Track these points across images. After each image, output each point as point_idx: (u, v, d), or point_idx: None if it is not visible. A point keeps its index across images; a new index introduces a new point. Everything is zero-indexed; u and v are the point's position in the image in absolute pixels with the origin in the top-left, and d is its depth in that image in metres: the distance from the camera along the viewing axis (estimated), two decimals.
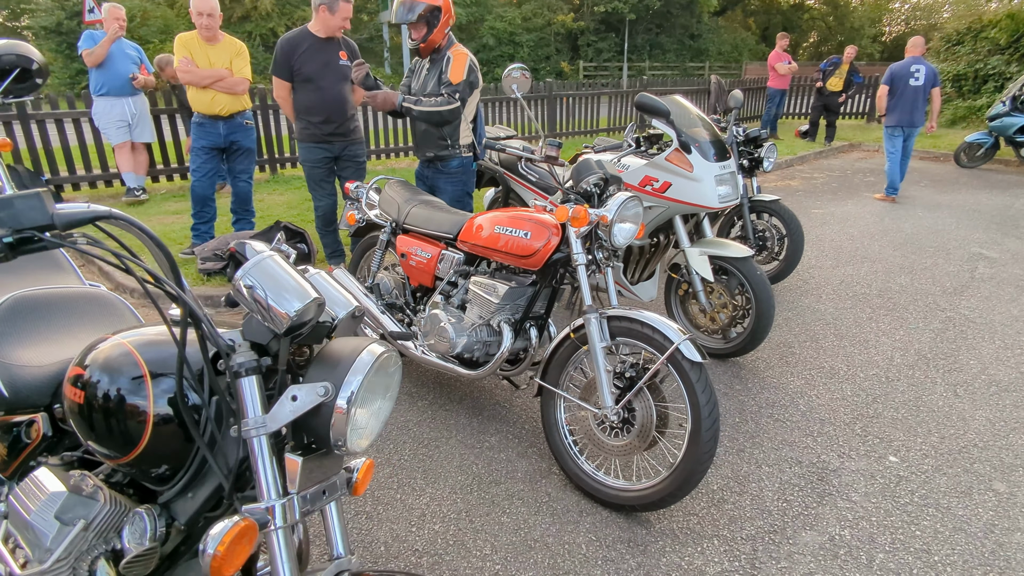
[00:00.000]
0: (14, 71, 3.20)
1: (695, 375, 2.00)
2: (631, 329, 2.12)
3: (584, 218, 2.14)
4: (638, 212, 2.24)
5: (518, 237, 2.34)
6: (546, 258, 2.29)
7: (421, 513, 2.19)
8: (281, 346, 1.06)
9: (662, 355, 2.02)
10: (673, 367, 2.03)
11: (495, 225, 2.42)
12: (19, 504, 1.17)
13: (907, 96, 6.71)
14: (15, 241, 0.78)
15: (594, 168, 2.27)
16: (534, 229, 2.31)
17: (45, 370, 1.40)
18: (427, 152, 3.46)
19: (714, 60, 27.98)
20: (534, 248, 2.29)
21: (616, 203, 2.17)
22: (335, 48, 3.75)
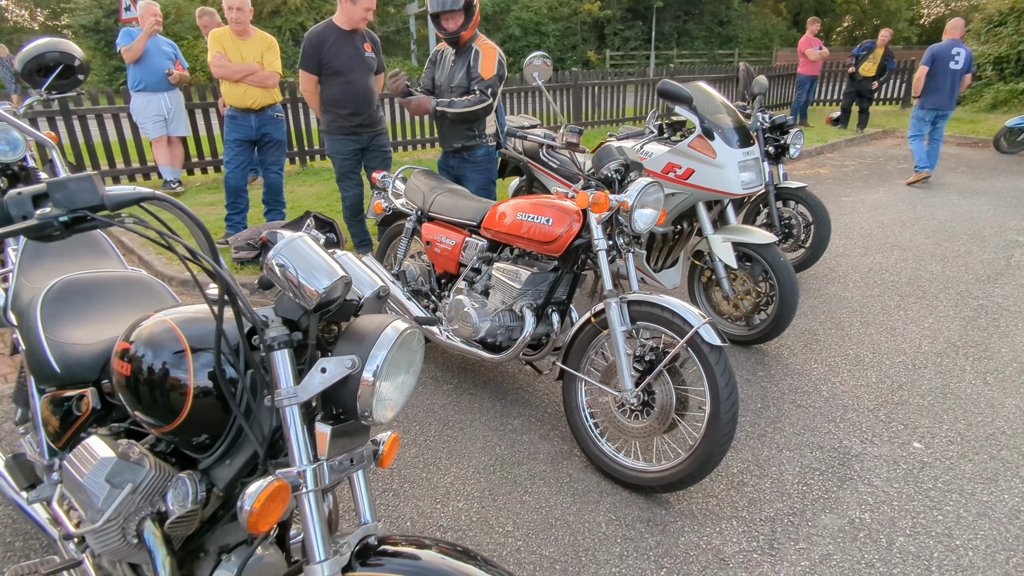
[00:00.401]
0: (58, 68, 3.33)
1: (714, 358, 2.02)
2: (651, 313, 2.15)
3: (604, 204, 2.17)
4: (659, 198, 2.26)
5: (540, 223, 2.38)
6: (567, 244, 2.33)
7: (446, 491, 2.26)
8: (311, 321, 1.12)
9: (682, 339, 2.05)
10: (693, 350, 2.06)
11: (517, 212, 2.47)
12: (73, 469, 1.26)
13: (945, 79, 6.61)
14: (70, 220, 0.85)
15: (615, 154, 2.30)
16: (556, 215, 2.35)
17: (93, 348, 1.50)
18: (454, 143, 3.51)
19: (744, 47, 27.45)
20: (556, 234, 2.33)
21: (636, 188, 2.20)
22: (360, 40, 3.82)
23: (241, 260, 4.06)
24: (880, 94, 12.83)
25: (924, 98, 6.79)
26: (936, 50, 6.67)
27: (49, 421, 1.55)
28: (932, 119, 6.84)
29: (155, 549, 1.21)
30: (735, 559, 1.96)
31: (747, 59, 26.15)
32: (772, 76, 12.85)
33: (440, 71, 3.46)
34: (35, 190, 0.85)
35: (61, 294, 1.64)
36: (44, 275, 1.76)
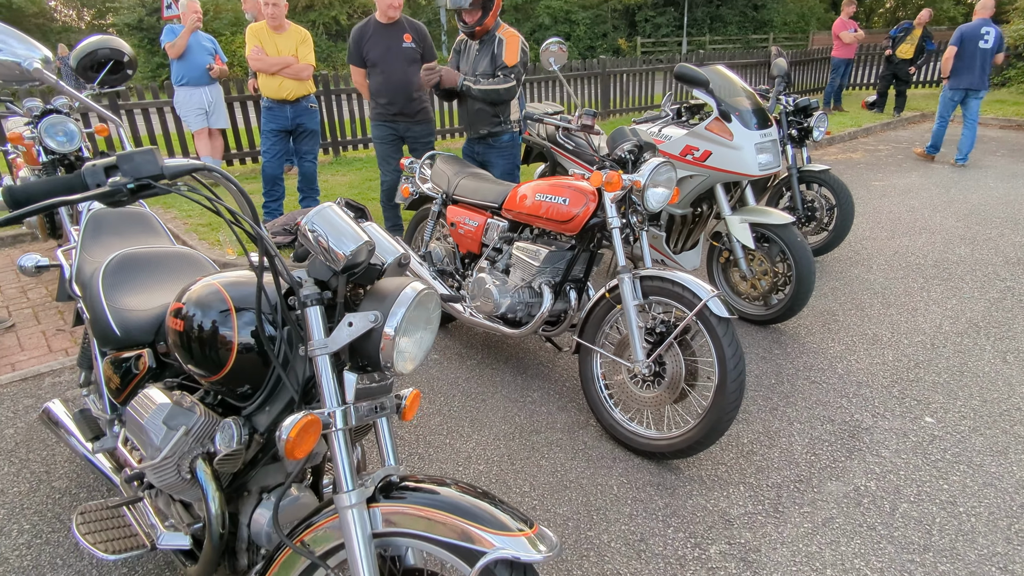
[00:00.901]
0: (109, 64, 3.56)
1: (722, 330, 2.11)
2: (663, 288, 2.25)
3: (617, 183, 2.28)
4: (671, 177, 2.35)
5: (557, 204, 2.49)
6: (584, 223, 2.44)
7: (467, 456, 2.41)
8: (339, 282, 1.27)
9: (691, 311, 2.15)
10: (701, 323, 2.16)
11: (536, 193, 2.58)
12: (136, 414, 1.44)
13: (975, 59, 6.58)
14: (135, 187, 1.00)
15: (628, 136, 2.39)
16: (572, 196, 2.46)
17: (148, 313, 1.67)
18: (480, 129, 3.64)
19: (779, 31, 26.81)
20: (572, 214, 2.44)
21: (649, 168, 2.29)
22: (399, 32, 3.98)
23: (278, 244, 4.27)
24: (919, 76, 12.49)
25: (954, 78, 6.78)
26: (965, 30, 6.63)
27: (111, 379, 1.74)
28: (961, 99, 6.83)
29: (206, 484, 1.38)
30: (740, 520, 2.06)
31: (782, 43, 25.57)
32: (806, 60, 12.60)
33: (465, 60, 3.58)
34: (107, 162, 1.01)
35: (119, 267, 1.83)
36: (104, 251, 1.95)
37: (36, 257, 2.17)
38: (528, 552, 1.12)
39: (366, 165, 7.53)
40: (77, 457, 2.38)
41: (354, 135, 8.18)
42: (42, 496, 2.19)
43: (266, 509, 1.47)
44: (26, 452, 2.43)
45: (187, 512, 1.61)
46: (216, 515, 1.37)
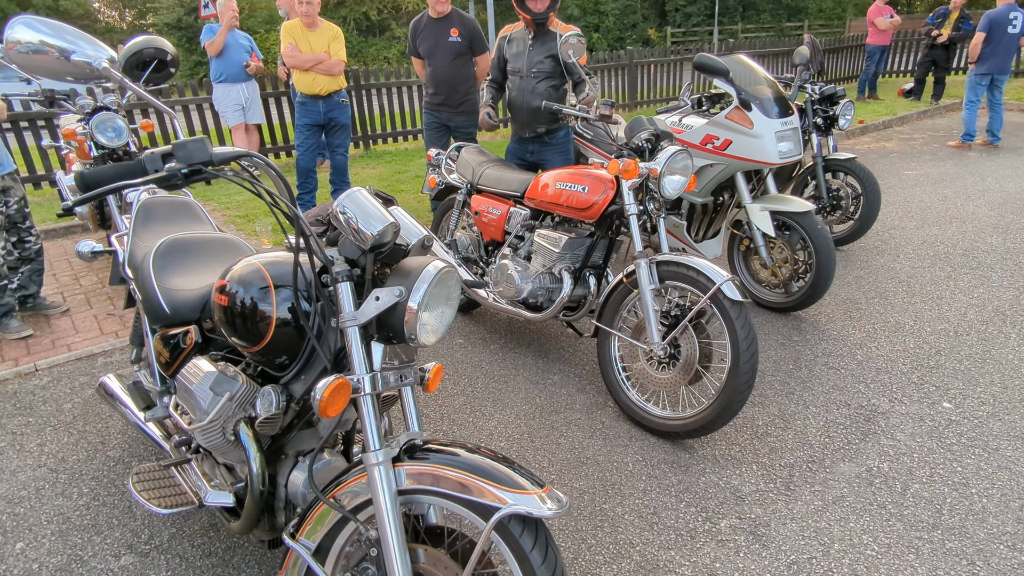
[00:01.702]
0: (153, 63, 3.77)
1: (735, 312, 2.18)
2: (678, 273, 2.33)
3: (634, 170, 2.35)
4: (687, 165, 2.41)
5: (577, 192, 2.58)
6: (602, 210, 2.52)
7: (489, 433, 2.52)
8: (367, 260, 1.38)
9: (705, 295, 2.22)
10: (715, 306, 2.23)
11: (557, 182, 2.68)
12: (185, 381, 1.58)
13: (1004, 43, 6.64)
14: (189, 172, 1.13)
15: (645, 125, 2.46)
16: (591, 184, 2.54)
17: (195, 293, 1.82)
18: (538, 128, 3.57)
19: (814, 18, 26.21)
20: (592, 201, 2.53)
21: (665, 156, 2.36)
22: (448, 26, 4.16)
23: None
24: (958, 63, 12.11)
25: (980, 63, 6.84)
26: (993, 15, 6.67)
27: (161, 354, 1.89)
28: (988, 83, 6.87)
29: (248, 445, 1.52)
30: (751, 497, 2.13)
31: (817, 31, 25.00)
32: (840, 48, 12.34)
33: (515, 55, 3.49)
34: (164, 150, 1.14)
35: (168, 251, 1.98)
36: (153, 236, 2.11)
37: (92, 243, 2.35)
38: (539, 508, 1.22)
39: (396, 158, 7.70)
40: (129, 428, 2.56)
41: (384, 129, 8.36)
42: (98, 463, 2.38)
43: (301, 471, 1.60)
44: (83, 424, 2.63)
45: (230, 473, 1.76)
46: (257, 473, 1.50)
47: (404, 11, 23.01)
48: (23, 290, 3.58)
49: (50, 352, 3.26)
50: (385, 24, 23.61)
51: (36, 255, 3.57)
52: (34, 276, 3.60)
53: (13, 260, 3.49)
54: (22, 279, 3.56)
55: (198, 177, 1.15)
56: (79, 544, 2.00)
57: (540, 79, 3.44)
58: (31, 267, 3.57)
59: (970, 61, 6.85)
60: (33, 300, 3.66)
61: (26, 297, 3.62)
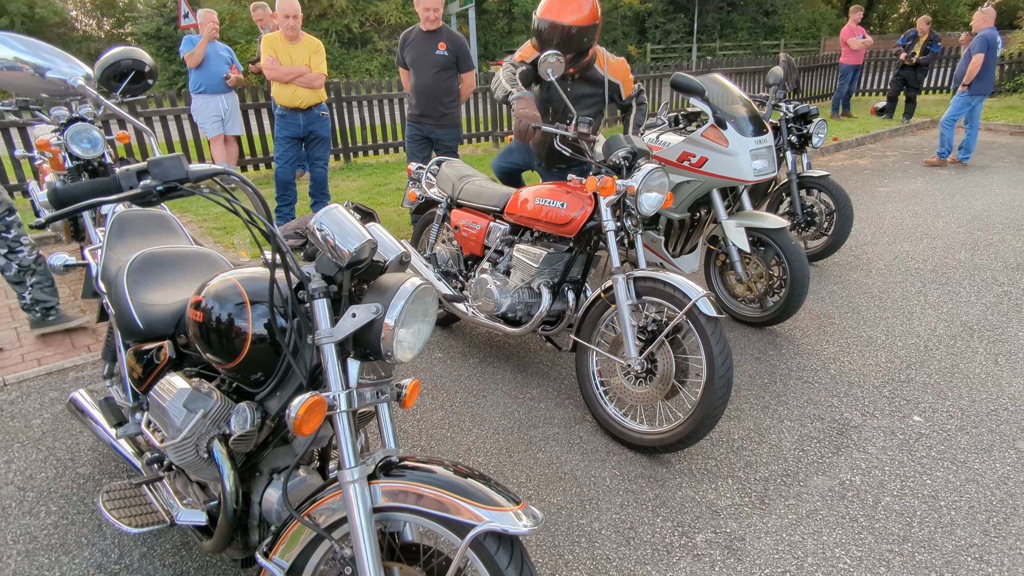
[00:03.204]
0: (130, 74, 3.74)
1: (710, 328, 2.21)
2: (655, 288, 2.36)
3: (611, 187, 2.38)
4: (663, 182, 2.45)
5: (556, 207, 2.61)
6: (581, 225, 2.55)
7: (468, 448, 2.51)
8: (344, 277, 1.39)
9: (681, 311, 2.25)
10: (691, 321, 2.26)
11: (536, 197, 2.70)
12: (158, 397, 1.57)
13: (993, 65, 6.91)
14: (164, 189, 1.13)
15: (623, 143, 2.50)
16: (570, 200, 2.57)
17: (169, 308, 1.80)
18: (560, 164, 3.47)
19: (790, 37, 26.83)
20: (570, 217, 2.56)
21: (642, 174, 2.40)
22: (436, 40, 4.25)
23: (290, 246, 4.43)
24: (928, 82, 12.49)
25: (976, 84, 7.00)
26: (989, 38, 6.88)
27: (134, 369, 1.86)
28: (975, 104, 7.10)
29: (221, 462, 1.50)
30: (727, 511, 2.15)
31: (793, 49, 25.58)
32: (815, 66, 12.64)
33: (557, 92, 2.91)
34: (139, 167, 1.14)
35: (143, 264, 1.96)
36: (127, 250, 2.09)
37: (64, 256, 2.31)
38: (515, 525, 1.22)
39: (376, 171, 7.69)
40: (100, 444, 2.51)
41: (364, 141, 8.35)
42: (68, 481, 2.32)
43: (276, 488, 1.59)
44: (52, 441, 2.57)
45: (203, 492, 1.74)
46: (230, 491, 1.49)
47: (386, 24, 23.10)
48: (41, 304, 3.45)
49: (19, 366, 3.19)
50: (367, 37, 23.66)
51: (36, 264, 3.42)
52: (44, 288, 3.45)
53: (14, 274, 3.35)
54: (34, 292, 3.42)
55: (173, 194, 1.15)
56: (46, 565, 1.95)
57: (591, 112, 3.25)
58: (36, 279, 3.41)
59: (964, 83, 7.03)
60: (55, 313, 3.52)
61: (48, 310, 3.49)
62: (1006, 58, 12.88)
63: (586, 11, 2.84)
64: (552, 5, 2.79)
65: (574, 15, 2.81)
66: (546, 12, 2.82)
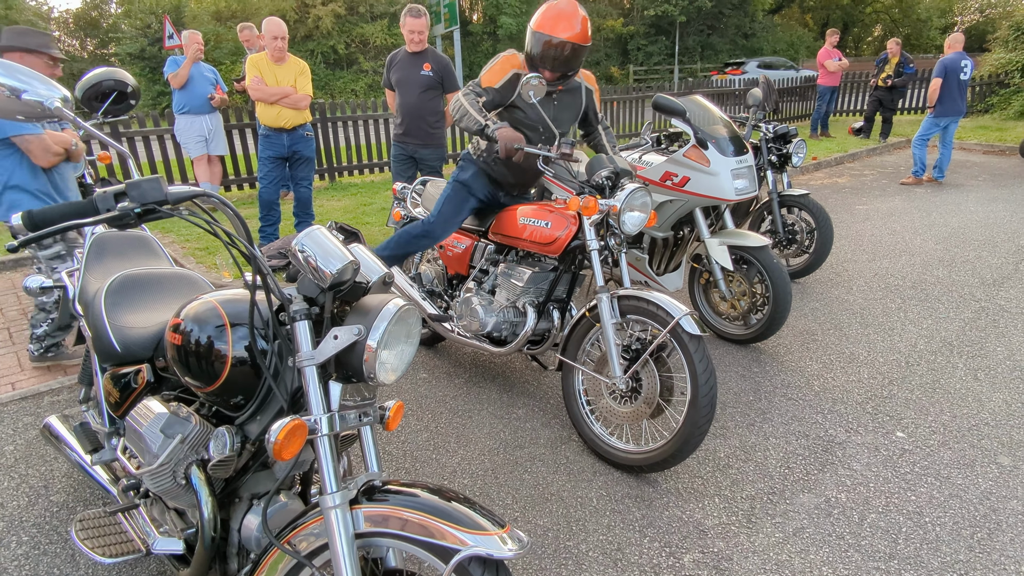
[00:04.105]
0: (113, 94, 3.71)
1: (693, 347, 2.21)
2: (639, 307, 2.36)
3: (594, 207, 2.40)
4: (646, 202, 2.47)
5: (540, 227, 2.62)
6: (565, 245, 2.56)
7: (453, 470, 2.48)
8: (326, 298, 1.37)
9: (665, 329, 2.25)
10: (675, 340, 2.26)
11: (521, 217, 2.71)
12: (134, 423, 1.53)
13: (958, 89, 7.11)
14: (142, 211, 1.11)
15: (605, 163, 2.52)
16: (554, 220, 2.59)
17: (148, 330, 1.77)
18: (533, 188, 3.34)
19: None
20: (555, 236, 2.57)
21: (625, 193, 2.42)
22: (422, 61, 4.33)
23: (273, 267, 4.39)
24: (904, 103, 12.80)
25: (939, 107, 7.26)
26: (948, 63, 7.14)
27: (110, 393, 1.83)
28: (945, 125, 7.34)
29: (199, 488, 1.47)
30: (714, 530, 2.14)
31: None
32: (793, 88, 12.92)
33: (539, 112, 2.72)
34: (117, 189, 1.12)
35: (121, 286, 1.93)
36: (106, 272, 2.06)
37: (41, 279, 2.28)
38: (500, 549, 1.20)
39: (361, 191, 7.69)
40: (75, 472, 2.45)
41: (349, 161, 8.36)
42: (40, 509, 2.26)
43: (256, 515, 1.55)
44: (25, 468, 2.50)
45: (180, 519, 1.69)
46: (208, 519, 1.45)
47: (372, 45, 23.27)
48: (51, 339, 3.30)
49: None
50: (353, 58, 23.80)
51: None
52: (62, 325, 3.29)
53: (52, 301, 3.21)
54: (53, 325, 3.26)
55: (152, 217, 1.14)
56: None
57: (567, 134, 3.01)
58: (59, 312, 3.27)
59: (929, 105, 7.32)
60: (56, 349, 3.36)
61: (52, 346, 3.33)
62: (977, 80, 13.26)
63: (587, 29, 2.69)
64: (559, 21, 2.62)
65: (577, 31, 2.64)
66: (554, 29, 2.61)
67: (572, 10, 2.60)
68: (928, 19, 30.55)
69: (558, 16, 2.59)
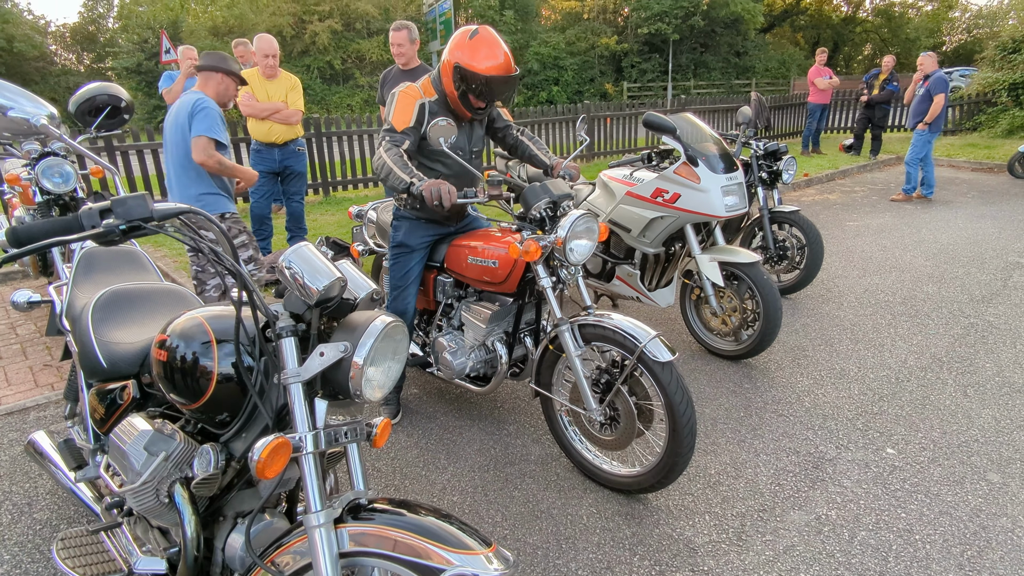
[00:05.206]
0: (106, 109, 3.73)
1: (665, 376, 2.12)
2: (603, 335, 2.26)
3: (536, 251, 2.26)
4: (590, 227, 2.31)
5: (489, 266, 2.53)
6: (518, 282, 2.49)
7: (443, 487, 2.47)
8: (313, 315, 1.37)
9: (633, 355, 2.17)
10: (644, 366, 2.17)
11: (469, 256, 2.60)
12: (118, 440, 1.52)
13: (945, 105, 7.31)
14: (127, 228, 1.11)
15: (540, 194, 2.35)
16: (501, 259, 2.48)
17: (134, 346, 1.76)
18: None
19: (761, 77, 27.77)
20: (504, 275, 2.49)
21: (567, 223, 2.25)
22: (414, 78, 4.28)
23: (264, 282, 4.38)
24: (893, 120, 12.95)
25: (934, 123, 7.40)
26: (946, 80, 7.34)
27: (96, 409, 1.81)
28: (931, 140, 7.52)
29: (183, 507, 1.45)
30: (704, 548, 2.13)
31: (764, 88, 26.43)
32: (785, 105, 13.06)
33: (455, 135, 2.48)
34: (102, 206, 1.12)
35: (109, 302, 1.92)
36: (94, 287, 2.05)
37: (28, 293, 2.26)
38: (485, 569, 1.20)
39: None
40: (59, 489, 2.42)
41: (344, 176, 8.38)
42: (23, 527, 2.23)
43: (239, 534, 1.53)
44: (9, 484, 2.47)
45: (164, 538, 1.67)
46: (191, 538, 1.43)
47: (368, 60, 23.43)
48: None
49: None
50: (349, 73, 23.96)
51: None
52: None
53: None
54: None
55: (137, 233, 1.14)
56: None
57: (478, 151, 2.85)
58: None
59: (926, 121, 7.38)
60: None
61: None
62: (965, 98, 13.45)
63: (509, 59, 2.50)
64: (487, 56, 2.43)
65: (502, 62, 2.45)
66: (484, 66, 2.42)
67: (492, 39, 2.46)
68: (917, 38, 31.01)
69: (475, 46, 2.42)
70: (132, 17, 24.70)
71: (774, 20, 31.25)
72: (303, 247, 1.35)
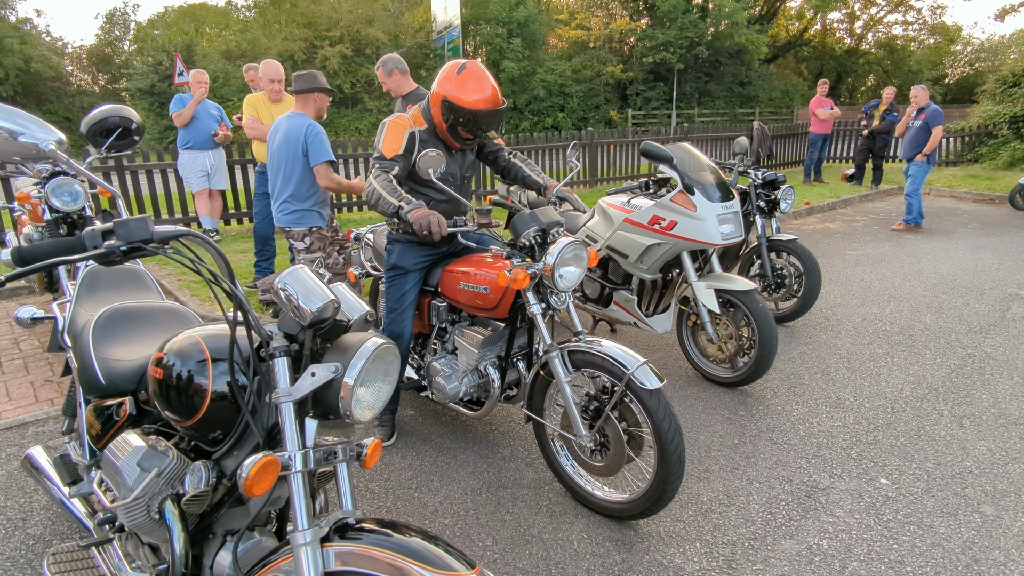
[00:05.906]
0: (117, 130, 3.82)
1: (652, 401, 2.14)
2: (592, 361, 2.28)
3: (524, 279, 2.29)
4: (579, 254, 2.34)
5: (481, 292, 2.56)
6: (509, 307, 2.52)
7: (434, 509, 2.47)
8: (306, 336, 1.41)
9: (621, 382, 2.19)
10: (632, 393, 2.19)
11: (461, 282, 2.64)
12: (112, 456, 1.54)
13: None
14: (128, 249, 1.16)
15: (528, 222, 2.38)
16: (491, 285, 2.52)
17: (132, 364, 1.80)
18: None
19: (764, 106, 28.05)
20: (496, 301, 2.52)
21: (556, 251, 2.27)
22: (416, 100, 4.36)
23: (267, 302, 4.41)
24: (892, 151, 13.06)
25: (932, 154, 7.56)
26: (940, 111, 7.50)
27: (92, 425, 1.84)
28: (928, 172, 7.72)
29: (173, 525, 1.47)
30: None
31: (768, 117, 26.69)
32: (788, 134, 13.20)
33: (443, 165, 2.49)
34: (104, 227, 1.17)
35: (110, 319, 1.96)
36: (97, 305, 2.09)
37: (32, 309, 2.31)
38: None
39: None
40: (53, 504, 2.44)
41: (350, 197, 8.49)
42: (16, 542, 2.24)
43: (228, 551, 1.55)
44: (4, 499, 2.49)
45: (154, 555, 1.69)
46: (180, 555, 1.45)
47: (376, 85, 23.81)
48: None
49: None
50: (358, 97, 24.36)
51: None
52: None
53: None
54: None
55: (138, 255, 1.18)
56: None
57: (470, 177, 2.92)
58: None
59: (925, 152, 7.51)
60: None
61: None
62: (966, 130, 13.56)
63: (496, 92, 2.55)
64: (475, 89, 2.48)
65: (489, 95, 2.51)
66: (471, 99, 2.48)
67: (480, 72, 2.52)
68: (919, 71, 31.37)
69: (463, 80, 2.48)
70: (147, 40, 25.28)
71: (778, 51, 31.68)
72: (298, 269, 1.40)
